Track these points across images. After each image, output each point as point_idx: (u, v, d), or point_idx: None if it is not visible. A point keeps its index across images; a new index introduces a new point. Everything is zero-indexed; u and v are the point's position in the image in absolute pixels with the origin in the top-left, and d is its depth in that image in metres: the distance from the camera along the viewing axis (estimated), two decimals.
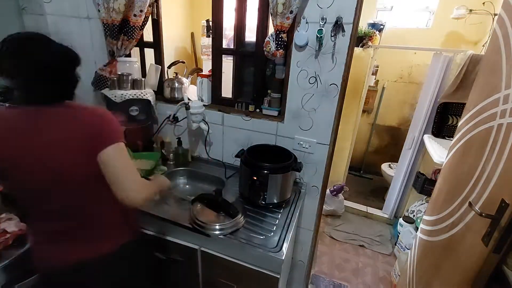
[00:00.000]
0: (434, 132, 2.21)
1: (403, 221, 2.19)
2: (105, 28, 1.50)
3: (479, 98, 1.12)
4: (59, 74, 0.81)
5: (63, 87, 0.83)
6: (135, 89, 1.55)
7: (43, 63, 0.78)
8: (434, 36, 2.82)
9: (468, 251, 1.02)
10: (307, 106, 1.36)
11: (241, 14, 1.42)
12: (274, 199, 1.27)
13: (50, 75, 0.78)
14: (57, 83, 0.81)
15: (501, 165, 0.90)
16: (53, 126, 0.78)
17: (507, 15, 1.00)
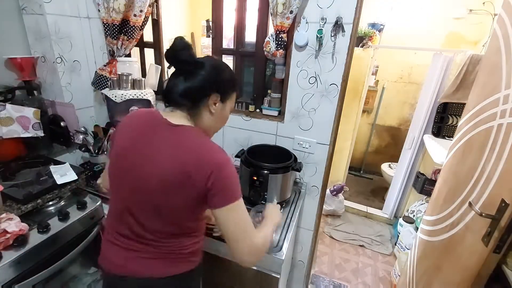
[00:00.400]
0: (434, 132, 2.21)
1: (403, 221, 2.19)
2: (105, 28, 1.50)
3: (479, 98, 1.12)
4: None
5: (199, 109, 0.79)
6: (135, 89, 1.55)
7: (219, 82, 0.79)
8: (434, 36, 2.82)
9: (468, 251, 1.02)
10: (307, 106, 1.36)
11: (241, 14, 1.42)
12: (274, 199, 1.27)
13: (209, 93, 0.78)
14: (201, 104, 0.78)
15: (501, 165, 0.90)
16: (172, 142, 0.74)
17: (507, 15, 1.00)
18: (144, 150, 0.75)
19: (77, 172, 1.31)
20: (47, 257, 1.07)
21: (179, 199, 0.73)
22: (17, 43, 1.39)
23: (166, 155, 0.72)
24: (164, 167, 0.72)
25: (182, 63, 0.75)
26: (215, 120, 0.83)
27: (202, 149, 0.73)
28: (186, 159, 0.71)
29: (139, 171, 0.75)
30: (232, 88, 0.84)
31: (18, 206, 1.09)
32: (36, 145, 1.44)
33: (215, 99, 0.79)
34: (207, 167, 0.70)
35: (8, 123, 1.29)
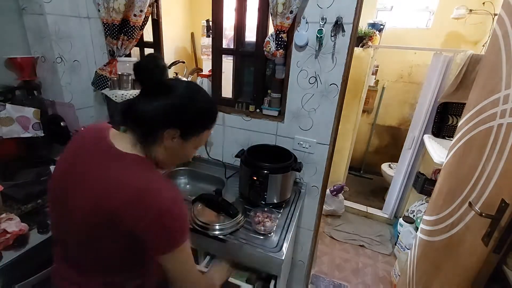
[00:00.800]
0: (434, 132, 2.21)
1: (403, 221, 2.19)
2: (105, 28, 1.50)
3: (479, 98, 1.12)
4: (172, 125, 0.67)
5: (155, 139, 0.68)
6: (135, 89, 1.55)
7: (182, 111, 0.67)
8: (434, 36, 2.82)
9: (468, 251, 1.02)
10: (307, 106, 1.36)
11: (241, 14, 1.42)
12: (274, 199, 1.27)
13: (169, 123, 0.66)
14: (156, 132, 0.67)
15: (501, 165, 0.89)
16: (108, 171, 0.63)
17: (507, 15, 1.00)
18: (80, 178, 0.65)
19: None
20: (47, 257, 1.06)
21: (105, 239, 0.63)
22: (17, 43, 1.39)
23: (96, 188, 0.62)
24: (91, 202, 0.61)
25: (148, 83, 0.65)
26: (171, 156, 0.71)
27: (141, 187, 0.60)
28: (118, 196, 0.59)
29: (67, 200, 0.66)
30: (201, 126, 0.72)
31: (18, 206, 1.09)
32: (36, 145, 1.44)
33: (174, 134, 0.67)
34: (140, 210, 0.59)
35: (8, 123, 1.29)
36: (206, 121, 0.73)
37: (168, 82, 0.68)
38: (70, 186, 0.66)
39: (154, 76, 0.65)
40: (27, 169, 1.31)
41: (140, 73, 0.64)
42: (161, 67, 0.65)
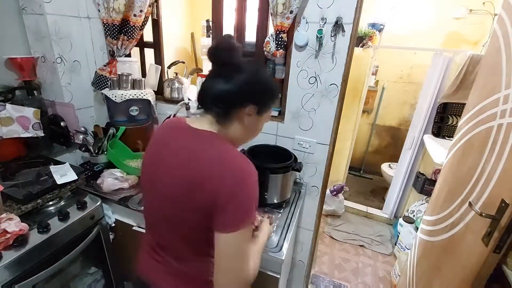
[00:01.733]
0: (434, 132, 2.21)
1: (403, 221, 2.19)
2: (105, 28, 1.50)
3: (479, 98, 1.12)
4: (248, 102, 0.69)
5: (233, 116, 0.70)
6: (135, 89, 1.55)
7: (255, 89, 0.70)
8: (434, 36, 2.82)
9: (468, 251, 1.02)
10: (307, 106, 1.36)
11: (241, 14, 1.42)
12: (274, 199, 1.27)
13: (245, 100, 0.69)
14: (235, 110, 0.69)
15: (501, 165, 0.89)
16: (187, 147, 0.67)
17: (507, 15, 1.00)
18: (162, 158, 0.70)
19: (77, 172, 1.31)
20: (47, 257, 1.07)
21: (187, 212, 0.65)
22: (17, 43, 1.39)
23: (178, 162, 0.66)
24: (174, 174, 0.66)
25: (223, 64, 0.68)
26: (246, 132, 0.74)
27: (220, 157, 0.64)
28: (200, 167, 0.63)
29: (155, 180, 0.71)
30: (272, 101, 0.75)
31: (18, 206, 1.09)
32: (36, 145, 1.44)
33: (252, 111, 0.70)
34: (220, 179, 0.61)
35: (8, 123, 1.29)
36: (275, 96, 0.77)
37: (242, 63, 0.69)
38: (155, 168, 0.71)
39: (234, 57, 0.67)
40: (27, 169, 1.31)
41: (220, 53, 0.67)
42: (238, 49, 0.68)
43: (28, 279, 1.00)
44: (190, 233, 0.69)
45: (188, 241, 0.71)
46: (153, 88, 1.67)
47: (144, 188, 0.78)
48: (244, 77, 0.67)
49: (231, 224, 0.61)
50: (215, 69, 0.70)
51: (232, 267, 0.63)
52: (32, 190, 1.15)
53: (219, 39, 0.69)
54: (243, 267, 0.64)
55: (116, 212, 1.38)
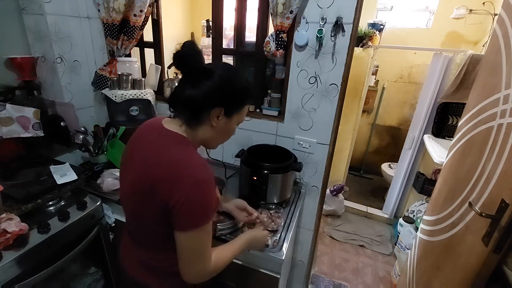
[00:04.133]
0: (434, 132, 2.21)
1: (403, 221, 2.19)
2: (105, 28, 1.50)
3: (479, 98, 1.12)
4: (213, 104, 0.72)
5: (199, 117, 0.73)
6: (135, 89, 1.55)
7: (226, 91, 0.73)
8: (434, 36, 2.82)
9: (468, 251, 1.02)
10: (307, 106, 1.36)
11: (241, 14, 1.42)
12: (274, 199, 1.27)
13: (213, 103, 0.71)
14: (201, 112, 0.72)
15: (501, 165, 0.89)
16: (154, 147, 0.72)
17: (507, 15, 1.00)
18: (133, 155, 0.75)
19: (77, 172, 1.31)
20: (47, 257, 1.07)
21: (146, 209, 0.71)
22: (17, 43, 1.39)
23: (143, 161, 0.71)
24: (139, 172, 0.71)
25: (188, 70, 0.71)
26: (217, 133, 0.77)
27: (178, 161, 0.67)
28: (157, 168, 0.67)
29: (125, 175, 0.78)
30: (241, 102, 0.77)
31: (18, 206, 1.09)
32: (36, 145, 1.44)
33: (219, 113, 0.72)
34: (174, 183, 0.64)
35: (8, 123, 1.29)
36: (245, 97, 0.78)
37: (207, 66, 0.72)
38: (127, 165, 0.77)
39: (195, 62, 0.70)
40: (27, 169, 1.31)
41: (181, 61, 0.69)
42: (199, 53, 0.70)
43: (28, 279, 1.00)
44: (150, 227, 0.75)
45: (150, 234, 0.77)
46: (153, 88, 1.67)
47: (120, 182, 0.83)
48: (208, 81, 0.70)
49: (184, 224, 0.66)
50: (183, 75, 0.73)
51: (189, 260, 0.69)
52: (32, 190, 1.15)
53: (182, 45, 0.70)
54: (201, 262, 0.70)
55: (116, 212, 1.38)
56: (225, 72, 0.74)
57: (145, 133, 0.78)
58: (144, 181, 0.68)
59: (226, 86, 0.72)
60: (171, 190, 0.64)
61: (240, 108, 0.77)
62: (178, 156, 0.68)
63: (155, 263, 0.80)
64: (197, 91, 0.69)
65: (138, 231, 0.81)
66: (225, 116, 0.74)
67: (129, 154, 0.78)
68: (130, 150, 0.79)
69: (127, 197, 0.78)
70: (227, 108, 0.73)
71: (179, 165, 0.66)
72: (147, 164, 0.69)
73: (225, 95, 0.72)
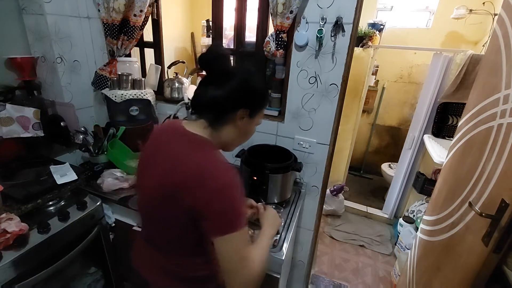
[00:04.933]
0: (434, 132, 2.21)
1: (403, 221, 2.19)
2: (105, 28, 1.50)
3: (479, 98, 1.12)
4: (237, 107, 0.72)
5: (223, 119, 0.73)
6: (135, 89, 1.55)
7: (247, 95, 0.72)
8: (434, 36, 2.82)
9: (468, 251, 1.02)
10: (307, 106, 1.36)
11: (241, 14, 1.42)
12: (274, 199, 1.27)
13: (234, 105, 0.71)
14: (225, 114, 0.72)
15: (501, 165, 0.89)
16: (175, 151, 0.70)
17: (507, 15, 1.00)
18: (153, 159, 0.73)
19: (77, 172, 1.31)
20: (47, 257, 1.07)
21: (169, 214, 0.69)
22: (17, 43, 1.39)
23: (165, 165, 0.69)
24: (160, 176, 0.69)
25: (214, 71, 0.71)
26: (239, 135, 0.77)
27: (204, 164, 0.65)
28: (182, 172, 0.65)
29: (145, 179, 0.75)
30: (263, 103, 0.79)
31: (18, 206, 1.09)
32: (36, 145, 1.44)
33: (244, 114, 0.72)
34: (200, 188, 0.62)
35: (8, 123, 1.29)
36: (266, 98, 0.81)
37: (232, 69, 0.73)
38: (146, 168, 0.75)
39: (222, 64, 0.71)
40: (27, 169, 1.31)
41: (209, 61, 0.70)
42: (225, 56, 0.72)
43: (28, 279, 1.00)
44: (173, 233, 0.73)
45: (171, 240, 0.75)
46: (153, 88, 1.67)
47: (137, 186, 0.82)
48: (235, 83, 0.70)
49: (216, 229, 0.63)
50: (207, 76, 0.73)
51: (233, 268, 0.65)
52: (32, 190, 1.15)
53: (208, 48, 0.71)
54: (243, 267, 0.65)
55: (116, 212, 1.38)
56: (248, 74, 0.74)
57: (166, 137, 0.75)
58: (168, 186, 0.66)
59: (251, 87, 0.73)
60: (197, 196, 0.63)
61: (261, 109, 0.78)
62: (203, 159, 0.66)
63: (173, 268, 0.77)
64: (223, 92, 0.69)
65: (157, 235, 0.78)
66: (249, 117, 0.75)
67: (149, 157, 0.76)
68: (149, 153, 0.77)
69: (147, 202, 0.76)
70: (252, 109, 0.74)
71: (205, 169, 0.64)
72: (172, 169, 0.67)
73: (251, 96, 0.73)
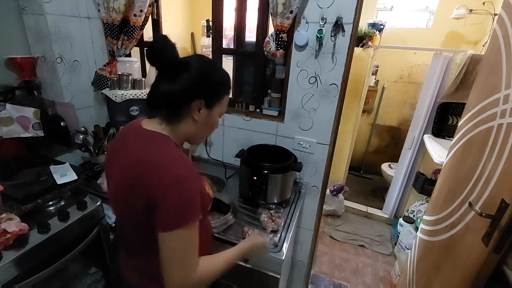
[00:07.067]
0: (434, 132, 2.21)
1: (403, 221, 2.19)
2: (105, 27, 1.50)
3: (479, 98, 1.12)
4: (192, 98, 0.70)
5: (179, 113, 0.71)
6: (135, 89, 1.55)
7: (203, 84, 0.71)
8: (434, 36, 2.82)
9: (468, 251, 1.02)
10: (307, 106, 1.36)
11: (241, 14, 1.42)
12: (274, 199, 1.27)
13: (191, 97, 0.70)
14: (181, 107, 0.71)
15: (501, 165, 0.89)
16: (132, 148, 0.70)
17: (507, 15, 1.00)
18: (115, 158, 0.75)
19: (77, 172, 1.31)
20: (47, 257, 1.07)
21: (130, 210, 0.69)
22: (17, 43, 1.39)
23: (125, 162, 0.70)
24: (121, 173, 0.70)
25: (163, 65, 0.68)
26: (200, 127, 0.75)
27: (156, 160, 0.65)
28: (135, 168, 0.66)
29: (110, 178, 0.78)
30: (221, 92, 0.76)
31: (18, 206, 1.09)
32: (36, 145, 1.44)
33: (199, 105, 0.70)
34: (153, 182, 0.62)
35: (8, 123, 1.29)
36: (224, 86, 0.77)
37: (182, 59, 0.70)
38: (110, 168, 0.76)
39: (169, 56, 0.67)
40: (27, 169, 1.31)
41: (154, 56, 0.67)
42: (173, 47, 0.67)
43: (28, 279, 1.00)
44: (136, 229, 0.73)
45: (137, 236, 0.75)
46: None
47: (107, 187, 0.83)
48: (186, 74, 0.68)
49: (164, 224, 0.62)
50: (159, 72, 0.70)
51: (170, 265, 0.64)
52: (32, 190, 1.15)
53: (154, 41, 0.70)
54: (185, 268, 0.65)
55: None
56: (201, 64, 0.72)
57: (124, 136, 0.77)
58: (125, 183, 0.67)
59: (204, 77, 0.70)
60: (151, 190, 0.62)
61: (220, 99, 0.76)
62: (156, 154, 0.66)
63: (151, 268, 0.74)
64: (175, 85, 0.67)
65: (129, 236, 0.79)
66: (206, 108, 0.72)
67: (111, 158, 0.78)
68: (111, 154, 0.79)
69: (113, 200, 0.78)
70: (207, 100, 0.71)
71: (158, 163, 0.64)
72: (127, 166, 0.68)
73: (204, 87, 0.71)
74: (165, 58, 0.67)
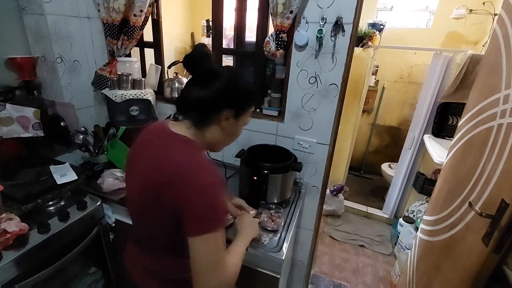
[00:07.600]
0: (434, 132, 2.21)
1: (403, 221, 2.19)
2: (105, 27, 1.50)
3: (479, 98, 1.12)
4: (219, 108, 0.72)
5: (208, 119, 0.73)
6: (135, 89, 1.55)
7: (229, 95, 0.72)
8: (434, 36, 2.82)
9: (468, 251, 1.02)
10: (307, 106, 1.36)
11: (241, 14, 1.42)
12: (274, 199, 1.27)
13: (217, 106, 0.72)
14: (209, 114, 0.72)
15: (501, 165, 0.89)
16: (160, 150, 0.70)
17: (507, 15, 1.00)
18: (139, 160, 0.74)
19: (77, 172, 1.31)
20: (47, 257, 1.07)
21: (154, 214, 0.69)
22: (17, 43, 1.39)
23: (150, 165, 0.69)
24: (145, 176, 0.70)
25: (198, 72, 0.71)
26: (225, 135, 0.77)
27: (187, 164, 0.65)
28: (164, 172, 0.65)
29: (132, 180, 0.77)
30: (248, 103, 0.78)
31: (18, 206, 1.09)
32: (36, 145, 1.44)
33: (228, 115, 0.72)
34: (181, 187, 0.62)
35: (8, 123, 1.29)
36: (252, 99, 0.80)
37: (216, 68, 0.73)
38: (133, 169, 0.76)
39: (205, 64, 0.70)
40: (27, 169, 1.31)
41: (191, 63, 0.71)
42: (209, 56, 0.71)
43: (28, 279, 1.00)
44: (157, 233, 0.74)
45: (156, 240, 0.76)
46: (153, 88, 1.67)
47: (126, 187, 0.83)
48: (219, 83, 0.70)
49: (194, 229, 0.63)
50: (192, 77, 0.73)
51: (205, 271, 0.64)
52: (32, 190, 1.15)
53: (192, 49, 0.71)
54: (218, 270, 0.65)
55: (116, 212, 1.38)
56: (232, 74, 0.74)
57: (151, 137, 0.76)
58: (152, 185, 0.67)
59: (235, 87, 0.73)
60: (179, 195, 0.63)
61: (247, 110, 0.78)
62: (186, 159, 0.66)
63: (159, 269, 0.78)
64: (208, 93, 0.69)
65: (144, 236, 0.79)
66: (234, 118, 0.74)
67: (135, 158, 0.77)
68: (135, 154, 0.78)
69: (134, 202, 0.77)
70: (237, 110, 0.73)
71: (187, 169, 0.64)
72: (155, 169, 0.68)
73: (235, 97, 0.73)
74: (201, 65, 0.70)
